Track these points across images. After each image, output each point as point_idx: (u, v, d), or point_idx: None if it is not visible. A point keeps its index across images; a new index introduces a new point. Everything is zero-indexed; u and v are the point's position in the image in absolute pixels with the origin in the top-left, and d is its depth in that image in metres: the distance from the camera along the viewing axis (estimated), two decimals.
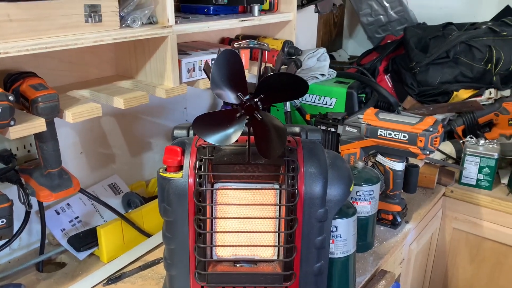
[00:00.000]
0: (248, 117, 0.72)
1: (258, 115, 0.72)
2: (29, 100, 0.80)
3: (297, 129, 0.91)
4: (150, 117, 1.30)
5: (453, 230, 1.51)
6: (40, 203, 0.99)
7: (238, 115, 0.72)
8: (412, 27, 1.71)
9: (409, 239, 1.27)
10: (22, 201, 0.89)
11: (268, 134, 0.73)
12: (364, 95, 1.52)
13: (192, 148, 0.82)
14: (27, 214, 0.94)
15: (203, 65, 1.02)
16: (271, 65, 0.80)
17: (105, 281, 0.98)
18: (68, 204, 1.11)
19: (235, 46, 0.73)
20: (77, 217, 1.11)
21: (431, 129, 1.09)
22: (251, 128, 0.75)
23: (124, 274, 1.00)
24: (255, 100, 0.71)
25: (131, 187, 1.25)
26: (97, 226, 1.04)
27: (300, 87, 0.69)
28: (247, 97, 0.70)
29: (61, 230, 1.07)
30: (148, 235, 1.12)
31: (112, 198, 1.19)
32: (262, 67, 0.78)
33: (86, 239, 1.06)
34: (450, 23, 1.65)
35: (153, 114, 1.31)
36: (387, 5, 1.90)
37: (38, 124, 0.79)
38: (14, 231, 0.92)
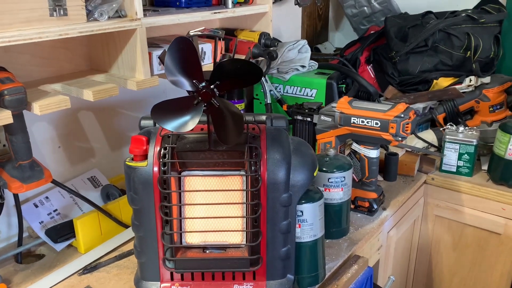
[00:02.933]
0: (205, 104, 0.74)
1: (215, 101, 0.73)
2: None
3: (263, 117, 0.92)
4: (129, 111, 1.32)
5: (435, 217, 1.52)
6: (16, 196, 1.01)
7: (195, 102, 0.73)
8: (393, 17, 1.72)
9: (387, 226, 1.29)
10: None
11: (225, 120, 0.74)
12: (344, 86, 1.52)
13: (157, 137, 0.84)
14: (0, 206, 0.96)
15: None
16: (229, 54, 0.81)
17: (81, 271, 1.00)
18: (46, 197, 1.13)
19: (190, 34, 0.74)
20: (55, 210, 1.13)
21: (402, 115, 1.10)
22: (210, 115, 0.76)
23: (100, 264, 1.02)
24: (211, 87, 0.72)
25: (111, 180, 1.27)
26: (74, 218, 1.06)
27: (254, 72, 0.71)
28: (203, 84, 0.72)
29: (39, 222, 1.09)
30: (126, 226, 1.14)
31: (92, 191, 1.21)
32: (219, 55, 0.79)
33: (63, 231, 1.08)
34: (429, 12, 1.66)
35: (132, 108, 1.33)
36: None
37: (4, 116, 0.81)
38: None
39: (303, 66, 1.59)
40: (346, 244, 1.10)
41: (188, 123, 0.73)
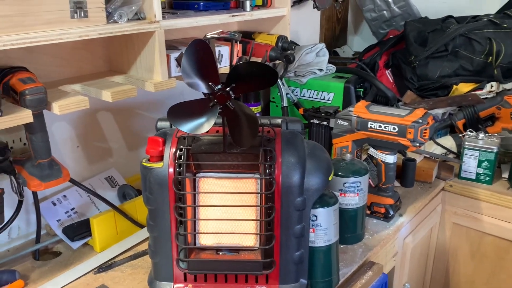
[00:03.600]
0: (221, 106, 0.74)
1: (230, 104, 0.73)
2: (17, 92, 0.84)
3: (278, 121, 0.92)
4: (146, 112, 1.34)
5: (453, 225, 1.49)
6: (34, 194, 1.03)
7: (211, 104, 0.74)
8: (412, 21, 1.70)
9: (403, 233, 1.27)
10: (15, 190, 0.93)
11: (240, 123, 0.74)
12: (362, 90, 1.51)
13: (172, 138, 0.85)
14: (20, 203, 0.98)
15: None
16: (246, 57, 0.81)
17: (96, 270, 1.01)
18: (64, 196, 1.15)
19: (207, 36, 0.75)
20: (73, 209, 1.14)
21: (420, 120, 1.09)
22: (225, 117, 0.77)
23: (115, 263, 1.03)
24: (227, 89, 0.72)
25: (128, 180, 1.28)
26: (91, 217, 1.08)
27: (269, 75, 0.71)
28: (219, 86, 0.72)
29: (57, 220, 1.11)
30: (142, 226, 1.15)
31: (109, 191, 1.22)
32: (236, 58, 0.79)
33: (80, 229, 1.09)
34: (450, 16, 1.63)
35: (149, 109, 1.34)
36: (390, 0, 1.90)
37: (25, 116, 0.83)
38: (7, 219, 0.97)
39: (320, 70, 1.58)
40: (361, 250, 1.08)
41: (204, 125, 0.74)
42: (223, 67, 1.17)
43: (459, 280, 1.53)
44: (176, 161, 0.82)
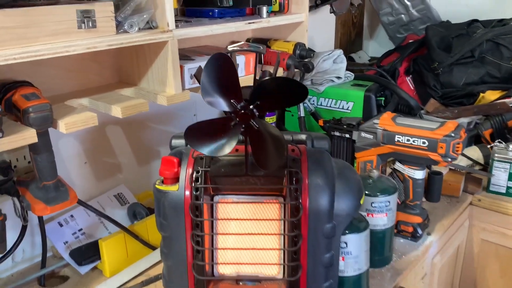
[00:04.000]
0: (243, 125, 0.67)
1: (254, 123, 0.66)
2: (20, 110, 0.77)
3: (302, 137, 0.85)
4: (157, 124, 1.27)
5: (481, 241, 1.41)
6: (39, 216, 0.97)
7: (232, 123, 0.66)
8: (435, 26, 1.62)
9: (431, 252, 1.19)
10: (18, 214, 0.86)
11: (265, 144, 0.67)
12: (383, 98, 1.44)
13: (189, 159, 0.78)
14: (23, 228, 0.91)
15: None
16: (270, 70, 0.74)
17: None
18: (71, 216, 1.08)
19: (229, 49, 0.68)
20: (80, 229, 1.08)
21: (452, 134, 1.01)
22: (248, 138, 0.69)
23: None
24: (251, 107, 0.65)
25: (138, 197, 1.21)
26: (99, 239, 1.01)
27: (298, 92, 0.64)
28: (242, 104, 0.65)
29: (63, 243, 1.04)
30: (153, 248, 1.08)
31: (118, 209, 1.15)
32: (260, 71, 0.72)
33: (88, 252, 1.02)
34: (475, 20, 1.55)
35: (161, 121, 1.27)
36: (408, 3, 1.82)
37: (28, 135, 0.76)
38: (10, 246, 0.90)
39: (338, 77, 1.50)
40: (390, 274, 1.01)
41: (225, 147, 0.66)
42: (240, 77, 1.10)
43: None
44: (193, 184, 0.74)
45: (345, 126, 1.21)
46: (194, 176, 0.75)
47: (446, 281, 1.39)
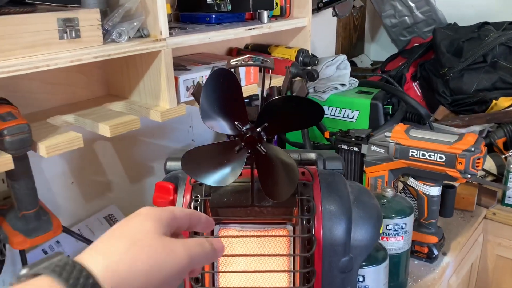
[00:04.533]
0: (249, 150, 0.58)
1: (262, 148, 0.57)
2: None
3: (312, 156, 0.76)
4: (151, 138, 1.18)
5: (496, 257, 1.33)
6: None
7: (237, 148, 0.58)
8: (442, 29, 1.54)
9: (447, 274, 1.10)
10: None
11: (275, 172, 0.58)
12: (391, 107, 1.35)
13: (186, 185, 0.69)
14: (1, 263, 0.81)
15: (203, 82, 0.88)
16: (278, 81, 0.66)
17: None
18: (57, 242, 0.99)
19: (231, 63, 0.59)
20: (68, 256, 0.98)
21: (472, 149, 0.92)
22: (255, 164, 0.61)
23: None
24: (258, 130, 0.57)
25: None
26: None
27: (313, 113, 0.55)
28: (248, 126, 0.56)
29: None
30: None
31: None
32: (268, 85, 0.64)
33: None
34: (486, 23, 1.48)
35: (154, 135, 1.18)
36: (412, 5, 1.74)
37: (3, 162, 0.67)
38: None
39: (342, 85, 1.42)
40: None
41: (229, 177, 0.58)
42: None
43: None
44: None
45: (353, 139, 1.12)
46: (192, 205, 0.67)
47: None
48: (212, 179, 0.58)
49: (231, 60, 0.58)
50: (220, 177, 0.58)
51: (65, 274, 0.33)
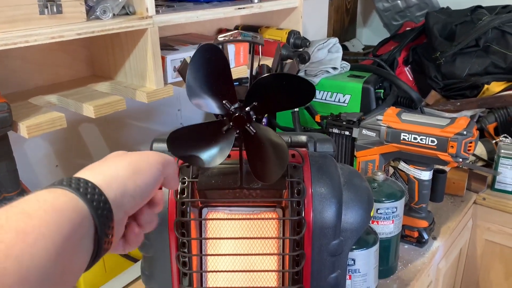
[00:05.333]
0: (238, 131, 0.56)
1: (251, 128, 0.55)
2: None
3: (303, 139, 0.74)
4: (138, 121, 1.15)
5: (485, 242, 1.33)
6: None
7: (225, 128, 0.56)
8: (435, 13, 1.52)
9: (437, 258, 1.10)
10: None
11: (264, 153, 0.57)
12: (382, 91, 1.34)
13: None
14: None
15: None
16: (268, 63, 0.64)
17: None
18: None
19: (219, 39, 0.56)
20: None
21: (464, 132, 0.91)
22: (244, 145, 0.59)
23: None
24: (247, 109, 0.54)
25: None
26: None
27: (303, 91, 0.53)
28: (236, 105, 0.54)
29: None
30: (135, 260, 0.97)
31: None
32: (257, 65, 0.62)
33: None
34: (479, 7, 1.46)
35: (141, 118, 1.16)
36: None
37: None
38: None
39: (334, 68, 1.40)
40: (396, 286, 0.92)
41: (216, 158, 0.56)
42: None
43: None
44: (178, 198, 0.64)
45: (344, 123, 1.11)
46: (179, 188, 0.65)
47: (448, 285, 1.31)
48: (199, 160, 0.56)
49: (219, 36, 0.56)
50: (208, 157, 0.56)
51: (74, 185, 0.37)
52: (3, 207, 0.33)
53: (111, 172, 0.42)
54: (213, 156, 0.56)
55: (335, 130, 1.12)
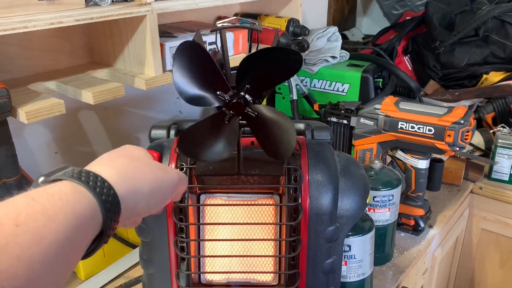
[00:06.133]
0: (240, 117, 0.56)
1: (251, 111, 0.56)
2: None
3: (300, 126, 0.75)
4: (137, 109, 1.15)
5: (481, 231, 1.35)
6: None
7: (227, 119, 0.56)
8: (435, 2, 1.51)
9: (433, 246, 1.12)
10: None
11: (270, 130, 0.56)
12: (381, 80, 1.34)
13: (171, 153, 0.67)
14: None
15: None
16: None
17: None
18: None
19: (218, 25, 0.56)
20: None
21: (462, 121, 0.92)
22: (245, 129, 0.59)
23: None
24: (241, 94, 0.55)
25: None
26: None
27: (289, 60, 0.52)
28: (230, 93, 0.55)
29: None
30: (133, 246, 0.98)
31: None
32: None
33: None
34: None
35: (140, 105, 1.16)
36: None
37: None
38: None
39: (333, 57, 1.40)
40: (391, 273, 0.93)
41: (225, 149, 0.55)
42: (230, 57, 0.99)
43: None
44: None
45: (342, 111, 1.11)
46: None
47: (444, 273, 1.33)
48: (211, 155, 0.56)
49: (217, 22, 0.56)
50: (218, 150, 0.56)
51: (84, 178, 0.36)
52: (26, 200, 0.32)
53: (136, 185, 0.41)
54: (222, 147, 0.56)
55: (333, 119, 1.13)
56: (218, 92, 0.53)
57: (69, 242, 0.32)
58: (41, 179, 0.37)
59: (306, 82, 1.41)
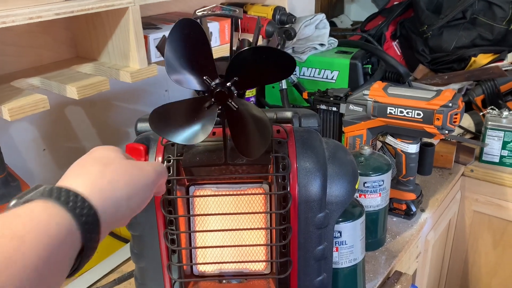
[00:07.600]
0: (220, 107, 0.56)
1: (233, 103, 0.55)
2: None
3: (288, 115, 0.74)
4: (124, 102, 1.14)
5: (473, 213, 1.36)
6: None
7: (207, 105, 0.56)
8: None
9: (425, 230, 1.12)
10: None
11: (247, 128, 0.57)
12: (370, 66, 1.34)
13: (158, 146, 0.67)
14: None
15: None
16: (249, 38, 0.63)
17: None
18: None
19: (197, 13, 0.56)
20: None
21: (450, 104, 0.92)
22: (226, 121, 0.59)
23: None
24: (228, 84, 0.54)
25: None
26: None
27: (284, 64, 0.53)
28: (217, 81, 0.54)
29: None
30: (126, 241, 0.98)
31: None
32: (237, 40, 0.61)
33: None
34: None
35: (128, 99, 1.15)
36: None
37: None
38: None
39: (322, 45, 1.40)
40: (384, 258, 0.94)
41: (199, 134, 0.56)
42: (214, 48, 0.98)
43: (479, 272, 1.41)
44: None
45: (331, 99, 1.11)
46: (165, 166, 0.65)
47: (437, 256, 1.34)
48: (181, 137, 0.56)
49: (197, 10, 0.55)
50: (190, 134, 0.56)
51: (55, 195, 0.35)
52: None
53: (113, 191, 0.40)
54: (195, 132, 0.56)
55: (323, 106, 1.12)
56: (205, 77, 0.52)
57: (45, 263, 0.31)
58: (13, 202, 0.36)
59: (295, 71, 1.40)
